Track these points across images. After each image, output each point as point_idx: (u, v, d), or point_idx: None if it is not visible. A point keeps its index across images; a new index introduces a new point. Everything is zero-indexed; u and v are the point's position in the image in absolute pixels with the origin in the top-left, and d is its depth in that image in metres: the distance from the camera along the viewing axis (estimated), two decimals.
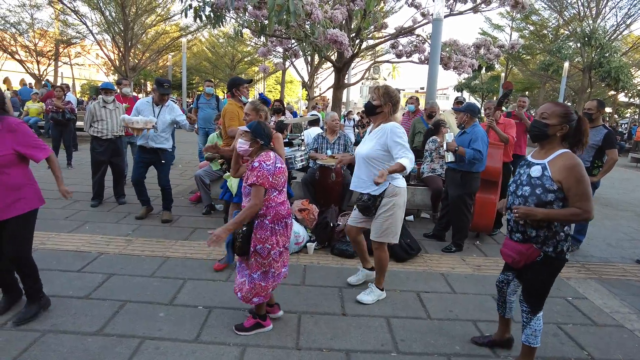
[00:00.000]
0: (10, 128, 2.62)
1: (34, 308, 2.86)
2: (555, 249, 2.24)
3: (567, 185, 2.11)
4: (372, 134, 3.18)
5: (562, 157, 2.18)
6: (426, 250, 4.55)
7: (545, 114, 2.23)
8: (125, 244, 4.27)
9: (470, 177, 4.32)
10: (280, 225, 2.71)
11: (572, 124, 2.20)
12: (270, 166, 2.59)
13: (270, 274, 2.70)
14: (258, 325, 2.81)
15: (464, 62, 7.88)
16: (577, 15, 21.10)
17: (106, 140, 5.45)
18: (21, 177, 2.72)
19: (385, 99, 3.10)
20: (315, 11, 5.42)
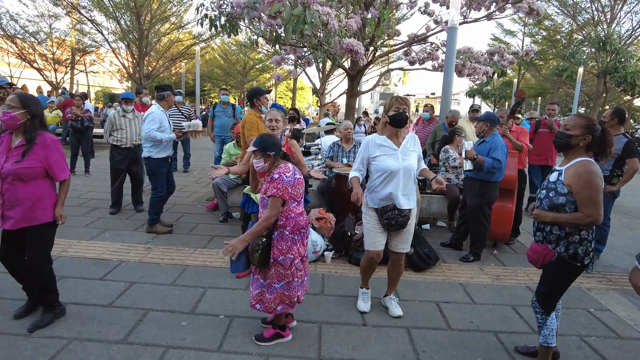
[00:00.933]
0: (45, 144, 2.71)
1: (49, 317, 2.92)
2: (567, 250, 2.33)
3: (575, 190, 2.23)
4: (406, 145, 3.03)
5: (578, 164, 2.30)
6: (444, 260, 4.53)
7: (568, 126, 2.35)
8: (145, 252, 4.33)
9: (489, 186, 4.30)
10: (299, 235, 2.74)
11: (595, 134, 2.29)
12: (289, 178, 2.62)
13: (295, 284, 2.72)
14: (278, 336, 2.83)
15: (478, 70, 7.86)
16: (591, 20, 20.91)
17: (125, 148, 5.55)
18: (45, 190, 2.79)
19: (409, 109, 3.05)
20: (332, 21, 5.47)
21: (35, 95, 17.53)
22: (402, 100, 2.99)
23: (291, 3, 5.21)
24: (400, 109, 2.95)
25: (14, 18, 18.39)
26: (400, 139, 3.06)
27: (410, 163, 3.01)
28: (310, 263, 4.23)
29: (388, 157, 2.99)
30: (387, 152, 3.00)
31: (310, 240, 4.22)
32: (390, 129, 3.02)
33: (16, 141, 2.68)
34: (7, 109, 2.62)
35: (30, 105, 2.68)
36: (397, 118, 2.96)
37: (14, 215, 2.67)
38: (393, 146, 3.01)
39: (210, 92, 39.07)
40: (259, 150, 2.63)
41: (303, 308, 3.29)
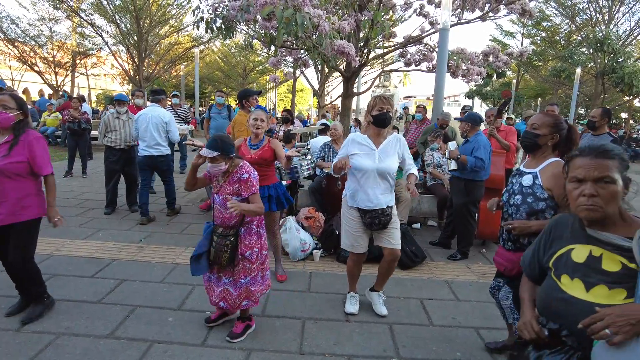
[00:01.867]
0: (28, 139, 2.79)
1: (39, 308, 3.01)
2: None
3: (557, 193, 2.13)
4: (386, 146, 2.99)
5: (552, 165, 2.21)
6: (431, 258, 4.59)
7: (535, 125, 2.28)
8: (137, 251, 4.40)
9: (473, 185, 4.36)
10: (262, 229, 2.91)
11: (562, 132, 2.26)
12: (255, 174, 2.79)
13: (259, 278, 2.84)
14: (247, 327, 2.94)
15: (472, 70, 7.92)
16: (589, 21, 20.95)
17: (119, 149, 5.62)
18: (31, 187, 2.86)
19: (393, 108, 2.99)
20: (323, 23, 5.54)
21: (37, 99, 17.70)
22: (386, 100, 2.95)
23: (282, 6, 5.29)
24: (384, 109, 2.92)
25: (15, 22, 18.53)
26: (382, 139, 3.02)
27: (388, 165, 2.96)
28: (298, 261, 4.30)
29: (364, 156, 2.97)
30: (364, 151, 2.99)
31: (299, 239, 4.29)
32: (373, 129, 3.00)
33: (1, 139, 2.75)
34: (1, 109, 2.69)
35: (25, 106, 2.81)
36: (381, 118, 2.93)
37: (2, 211, 2.73)
38: (372, 146, 2.99)
39: (211, 94, 39.21)
40: (222, 155, 2.63)
41: (289, 304, 3.37)
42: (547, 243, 1.61)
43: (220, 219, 2.75)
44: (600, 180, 1.37)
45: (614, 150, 1.41)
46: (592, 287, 1.36)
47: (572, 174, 1.46)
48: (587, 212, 1.38)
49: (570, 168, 1.49)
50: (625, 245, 1.33)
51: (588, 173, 1.40)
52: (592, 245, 1.43)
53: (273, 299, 3.46)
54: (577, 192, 1.42)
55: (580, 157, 1.44)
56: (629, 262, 1.32)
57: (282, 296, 3.52)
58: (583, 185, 1.40)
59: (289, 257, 4.32)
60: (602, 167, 1.37)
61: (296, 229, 4.34)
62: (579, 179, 1.42)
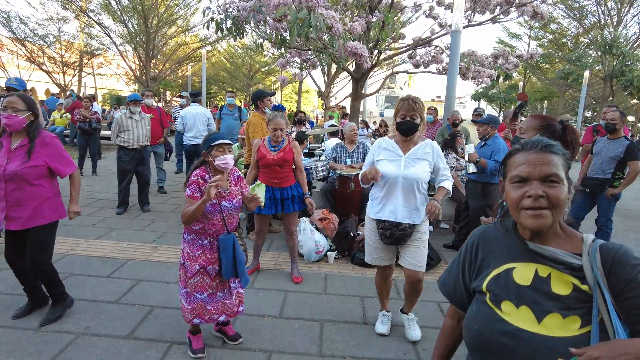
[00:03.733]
0: (44, 142, 2.76)
1: (59, 310, 3.00)
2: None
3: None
4: (415, 153, 2.71)
5: None
6: (446, 261, 4.56)
7: (522, 129, 2.18)
8: (151, 251, 4.40)
9: (490, 188, 4.34)
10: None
11: (555, 134, 2.08)
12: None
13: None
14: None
15: (482, 73, 7.90)
16: (597, 23, 20.85)
17: (132, 149, 5.64)
18: (49, 190, 2.85)
19: (422, 113, 2.68)
20: (336, 24, 5.53)
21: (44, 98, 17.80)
22: (410, 106, 2.62)
23: (296, 7, 5.28)
24: (407, 115, 2.63)
25: (24, 21, 18.67)
26: (411, 145, 2.74)
27: (415, 172, 2.65)
28: (313, 263, 4.30)
29: (390, 162, 2.71)
30: (390, 157, 2.74)
31: (314, 240, 4.29)
32: (399, 135, 2.75)
33: (16, 142, 2.72)
34: (11, 112, 2.63)
35: (34, 106, 2.75)
36: (403, 127, 2.66)
37: (22, 215, 2.73)
38: (398, 152, 2.73)
39: (217, 94, 39.29)
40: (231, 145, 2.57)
41: (305, 306, 3.36)
42: (474, 262, 1.27)
43: (233, 224, 2.65)
44: (547, 178, 1.09)
45: (557, 145, 1.15)
46: (545, 317, 1.06)
47: (513, 173, 1.15)
48: (535, 218, 1.08)
49: (510, 166, 1.18)
50: (575, 263, 1.08)
51: (534, 170, 1.10)
52: (536, 263, 1.13)
53: (290, 301, 3.45)
54: (519, 194, 1.11)
55: (523, 152, 1.15)
56: (580, 284, 1.06)
57: (298, 298, 3.51)
58: (527, 186, 1.10)
59: (303, 258, 4.31)
60: (549, 163, 1.10)
61: (310, 231, 4.33)
62: (522, 178, 1.12)
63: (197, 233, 2.58)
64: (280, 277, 3.90)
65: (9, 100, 2.67)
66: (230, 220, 2.61)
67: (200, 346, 2.68)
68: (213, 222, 2.54)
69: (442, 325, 1.49)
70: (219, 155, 2.49)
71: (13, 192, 2.70)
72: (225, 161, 2.50)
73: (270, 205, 3.66)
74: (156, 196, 6.82)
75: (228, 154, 2.53)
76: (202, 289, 2.57)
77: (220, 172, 2.58)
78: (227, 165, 2.51)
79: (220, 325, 2.88)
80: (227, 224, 2.57)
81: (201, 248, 2.57)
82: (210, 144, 2.51)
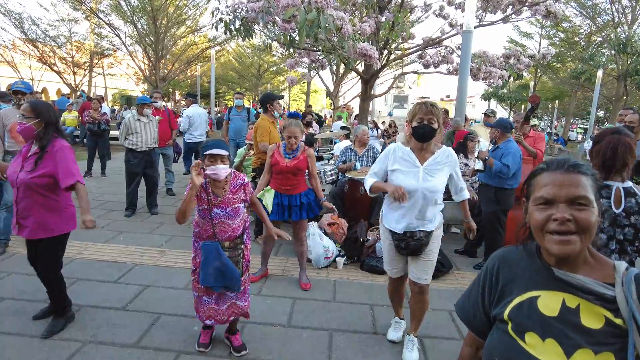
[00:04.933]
0: (53, 151, 2.70)
1: (61, 323, 2.94)
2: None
3: None
4: (433, 163, 2.55)
5: None
6: (457, 267, 4.48)
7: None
8: (159, 255, 4.37)
9: (504, 193, 4.24)
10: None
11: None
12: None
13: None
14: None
15: (494, 74, 7.77)
16: (611, 21, 20.48)
17: (140, 152, 5.62)
18: (58, 202, 2.79)
19: (439, 118, 2.49)
20: (346, 26, 5.47)
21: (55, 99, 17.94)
22: (428, 109, 2.43)
23: (305, 8, 5.22)
24: (425, 119, 2.43)
25: (36, 22, 18.85)
26: (428, 153, 2.56)
27: (434, 184, 2.51)
28: (322, 269, 4.23)
29: (407, 173, 2.54)
30: (406, 167, 2.56)
31: (323, 246, 4.22)
32: (415, 142, 2.56)
33: (32, 150, 2.71)
34: (21, 119, 2.64)
35: (43, 113, 2.67)
36: (420, 132, 2.46)
37: (28, 224, 2.70)
38: (416, 162, 2.55)
39: (225, 94, 39.40)
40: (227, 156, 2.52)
41: (314, 314, 3.29)
42: (494, 287, 1.18)
43: (227, 232, 2.57)
44: (575, 201, 1.00)
45: (587, 166, 1.06)
46: (574, 352, 0.96)
47: (537, 194, 1.06)
48: (561, 244, 0.99)
49: (534, 186, 1.09)
50: (607, 293, 0.98)
51: (560, 191, 1.01)
52: (564, 292, 1.04)
53: (298, 309, 3.39)
54: (543, 217, 1.02)
55: (548, 171, 1.07)
56: (613, 317, 0.96)
57: (307, 305, 3.45)
58: (553, 208, 1.01)
59: (312, 264, 4.25)
60: (577, 185, 1.01)
61: (319, 236, 4.27)
62: (547, 200, 1.03)
63: (195, 235, 2.67)
64: (288, 284, 3.85)
65: (22, 107, 2.72)
66: (222, 229, 2.56)
67: (205, 341, 2.79)
68: (206, 227, 2.57)
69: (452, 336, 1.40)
70: (210, 165, 2.47)
71: (23, 200, 2.69)
72: (215, 172, 2.46)
73: (277, 211, 3.61)
74: (165, 198, 6.81)
75: (220, 164, 2.48)
76: (195, 289, 2.70)
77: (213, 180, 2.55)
78: (217, 175, 2.48)
79: (228, 334, 2.84)
80: (216, 232, 2.55)
81: (196, 251, 2.67)
82: (205, 151, 2.48)
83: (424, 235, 2.59)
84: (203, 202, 2.54)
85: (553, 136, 24.70)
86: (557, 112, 33.56)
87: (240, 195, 2.64)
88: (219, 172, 2.45)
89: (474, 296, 1.26)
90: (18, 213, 2.72)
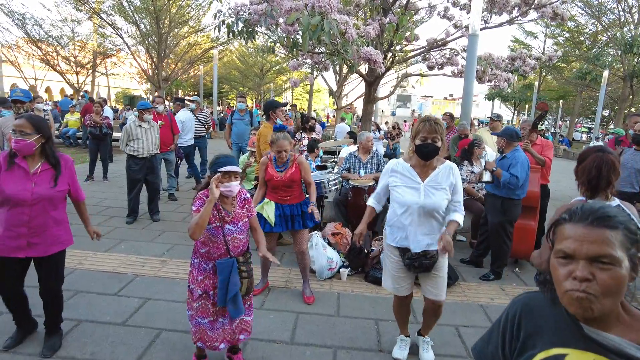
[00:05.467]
0: (67, 166, 2.71)
1: (58, 339, 2.87)
2: None
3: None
4: (435, 179, 2.52)
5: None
6: (463, 278, 4.40)
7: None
8: (160, 265, 4.31)
9: (511, 203, 4.15)
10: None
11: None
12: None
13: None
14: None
15: (499, 77, 7.66)
16: (617, 20, 20.28)
17: (142, 158, 5.55)
18: (65, 214, 2.79)
19: (443, 136, 2.46)
20: (350, 30, 5.38)
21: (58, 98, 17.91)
22: (432, 128, 2.40)
23: (309, 12, 5.14)
24: (429, 138, 2.40)
25: (39, 23, 18.85)
26: (430, 170, 2.55)
27: (436, 201, 2.49)
28: (325, 280, 4.16)
29: (408, 189, 2.54)
30: (408, 183, 2.55)
31: (326, 257, 4.15)
32: (418, 159, 2.54)
33: (35, 165, 2.59)
34: (19, 136, 2.50)
35: (43, 128, 2.59)
36: (424, 151, 2.44)
37: (44, 241, 2.63)
38: (417, 179, 2.54)
39: (228, 94, 39.36)
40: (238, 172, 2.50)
41: (317, 330, 3.22)
42: (516, 338, 1.10)
43: (239, 247, 2.55)
44: (598, 259, 0.91)
45: (618, 217, 0.95)
46: None
47: (558, 246, 0.99)
48: (578, 305, 0.91)
49: (557, 236, 1.01)
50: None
51: (580, 247, 0.93)
52: (594, 353, 0.94)
53: (301, 324, 3.32)
54: (564, 272, 0.95)
55: (571, 223, 0.98)
56: None
57: (310, 321, 3.38)
58: (573, 264, 0.94)
59: (315, 274, 4.17)
60: (600, 241, 0.92)
61: (323, 246, 4.20)
62: (567, 255, 0.95)
63: (203, 256, 2.54)
64: (291, 297, 3.78)
65: (17, 123, 2.54)
66: (235, 244, 2.53)
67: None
68: (217, 245, 2.49)
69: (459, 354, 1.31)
70: (224, 182, 2.42)
71: (37, 217, 2.58)
72: (229, 189, 2.44)
73: (280, 222, 3.55)
74: (167, 203, 6.76)
75: (234, 180, 2.46)
76: (204, 314, 2.53)
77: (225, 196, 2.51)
78: (231, 192, 2.46)
79: (230, 353, 2.78)
80: (229, 249, 2.50)
81: (204, 273, 2.54)
82: (217, 168, 2.42)
83: (436, 253, 2.56)
84: (215, 220, 2.47)
85: (558, 137, 24.50)
86: (561, 111, 33.33)
87: (246, 209, 2.62)
88: (233, 189, 2.45)
89: (494, 343, 1.16)
90: (30, 232, 2.57)
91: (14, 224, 2.54)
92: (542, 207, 4.85)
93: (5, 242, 2.53)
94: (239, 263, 2.51)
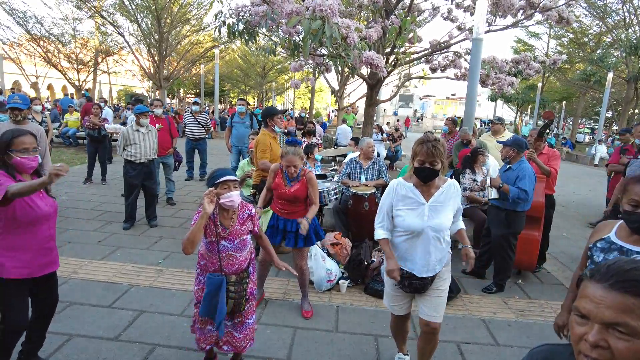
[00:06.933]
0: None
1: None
2: None
3: None
4: (439, 198, 2.42)
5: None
6: (465, 290, 4.30)
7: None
8: (155, 275, 4.23)
9: (515, 216, 4.04)
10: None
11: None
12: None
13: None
14: None
15: (503, 81, 7.55)
16: (621, 22, 20.10)
17: (139, 164, 5.46)
18: None
19: (442, 158, 2.35)
20: (351, 34, 5.28)
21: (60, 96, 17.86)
22: (429, 151, 2.28)
23: (310, 16, 5.04)
24: (427, 162, 2.31)
25: (40, 21, 18.76)
26: (433, 189, 2.44)
27: (440, 222, 2.39)
28: (324, 292, 4.07)
29: (411, 212, 2.41)
30: (411, 206, 2.43)
31: (325, 268, 4.06)
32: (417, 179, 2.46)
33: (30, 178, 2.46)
34: (32, 154, 2.38)
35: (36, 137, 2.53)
36: (421, 175, 2.36)
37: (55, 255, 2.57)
38: (420, 199, 2.42)
39: (230, 92, 39.25)
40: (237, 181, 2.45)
41: (315, 348, 3.14)
42: None
43: (234, 265, 2.47)
44: (614, 326, 0.83)
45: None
46: None
47: (576, 303, 0.91)
48: None
49: (580, 291, 0.92)
50: None
51: (596, 311, 0.85)
52: None
53: (299, 340, 3.23)
54: (579, 333, 0.88)
55: (592, 282, 0.89)
56: None
57: (308, 337, 3.29)
58: (588, 326, 0.86)
59: (314, 286, 4.09)
60: (616, 307, 0.82)
61: (322, 257, 4.11)
62: (582, 315, 0.88)
63: (201, 268, 2.55)
64: (288, 310, 3.69)
65: (29, 141, 2.37)
66: (229, 262, 2.46)
67: None
68: (212, 260, 2.46)
69: None
70: (224, 192, 2.36)
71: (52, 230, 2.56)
72: (230, 199, 2.37)
73: (270, 234, 3.45)
74: (165, 208, 6.67)
75: (233, 190, 2.39)
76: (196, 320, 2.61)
77: (225, 209, 2.45)
78: (232, 203, 2.39)
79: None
80: (222, 266, 2.44)
81: (199, 284, 2.55)
82: (215, 181, 2.37)
83: (430, 277, 2.48)
84: (211, 234, 2.42)
85: (561, 139, 24.35)
86: (564, 113, 33.14)
87: (248, 226, 2.54)
88: (234, 199, 2.38)
89: None
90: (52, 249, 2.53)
91: (45, 239, 2.48)
92: (547, 217, 4.75)
93: (38, 260, 2.43)
94: (228, 283, 2.43)
